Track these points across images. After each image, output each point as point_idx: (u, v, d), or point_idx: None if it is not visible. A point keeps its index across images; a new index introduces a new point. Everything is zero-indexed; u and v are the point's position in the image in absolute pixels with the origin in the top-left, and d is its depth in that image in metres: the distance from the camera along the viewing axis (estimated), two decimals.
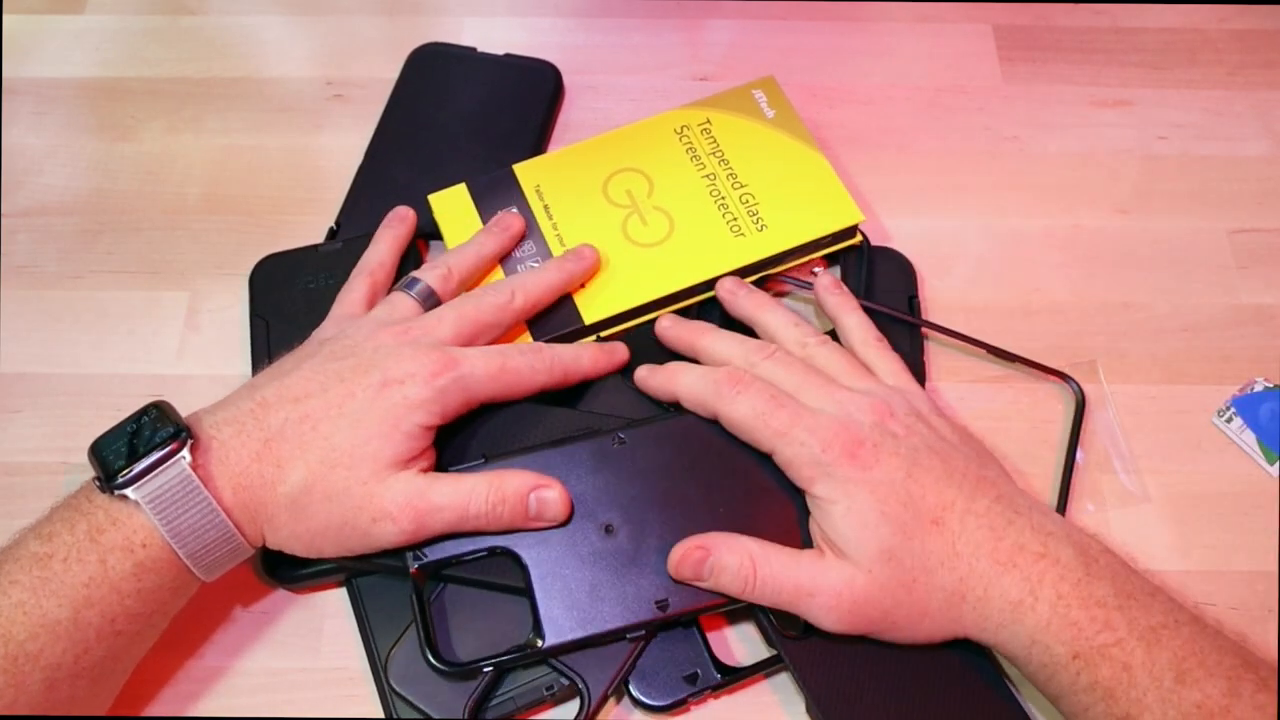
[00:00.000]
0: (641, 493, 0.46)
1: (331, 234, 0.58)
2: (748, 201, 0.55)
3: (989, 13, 0.68)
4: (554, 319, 0.52)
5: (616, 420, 0.49)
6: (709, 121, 0.58)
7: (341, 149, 0.62)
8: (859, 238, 0.56)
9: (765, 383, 0.46)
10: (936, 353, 0.55)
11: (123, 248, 0.59)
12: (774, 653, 0.46)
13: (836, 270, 0.57)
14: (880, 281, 0.56)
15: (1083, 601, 0.41)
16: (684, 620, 0.45)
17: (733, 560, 0.43)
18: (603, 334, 0.53)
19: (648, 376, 0.50)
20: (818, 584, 0.43)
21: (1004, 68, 0.66)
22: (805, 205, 0.55)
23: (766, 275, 0.55)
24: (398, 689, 0.45)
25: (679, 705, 0.45)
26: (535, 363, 0.48)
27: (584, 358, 0.50)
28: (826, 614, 0.43)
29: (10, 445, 0.53)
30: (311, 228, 0.58)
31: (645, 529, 0.45)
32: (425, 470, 0.45)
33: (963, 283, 0.58)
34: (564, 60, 0.64)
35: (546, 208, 0.56)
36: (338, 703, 0.46)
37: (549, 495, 0.45)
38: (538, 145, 0.61)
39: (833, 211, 0.55)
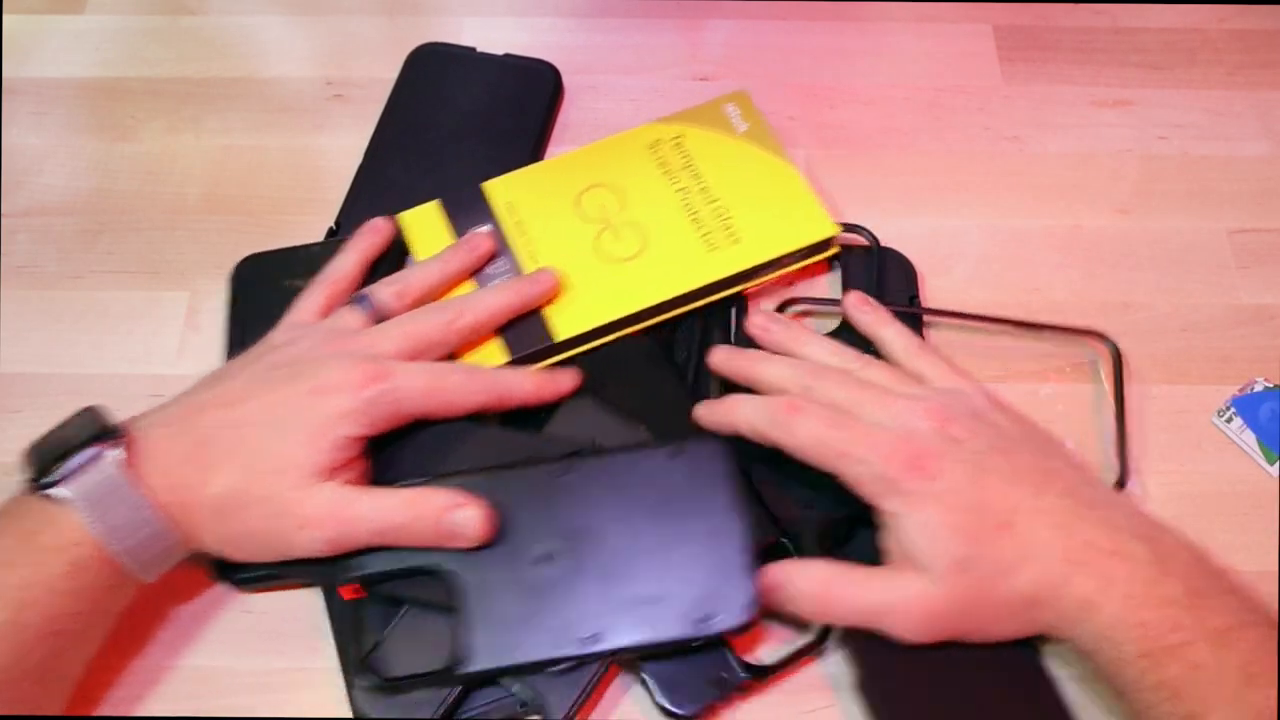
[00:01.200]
0: (584, 524, 0.46)
1: (331, 234, 0.58)
2: (721, 215, 0.55)
3: (989, 13, 0.68)
4: (526, 335, 0.52)
5: (572, 445, 0.49)
6: (681, 135, 0.58)
7: (341, 149, 0.62)
8: (836, 249, 0.56)
9: (822, 405, 0.46)
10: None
11: (123, 248, 0.59)
12: (798, 648, 0.46)
13: (837, 273, 0.57)
14: (880, 282, 0.56)
15: (1153, 601, 0.41)
16: (613, 657, 0.45)
17: (806, 586, 0.44)
18: (576, 350, 0.53)
19: (706, 413, 0.49)
20: (892, 601, 0.43)
21: (1004, 68, 0.66)
22: (779, 219, 0.55)
23: (742, 291, 0.55)
24: (367, 694, 0.45)
25: (708, 710, 0.45)
26: (470, 383, 0.48)
27: (526, 384, 0.49)
28: (904, 629, 0.43)
29: (10, 445, 0.52)
30: (311, 228, 0.58)
31: (583, 562, 0.45)
32: (352, 481, 0.45)
33: (962, 283, 0.58)
34: (564, 60, 0.64)
35: (519, 224, 0.55)
36: (308, 707, 0.46)
37: (465, 515, 0.44)
38: (537, 145, 0.61)
39: (806, 225, 0.55)
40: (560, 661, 0.44)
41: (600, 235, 0.55)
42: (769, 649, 0.47)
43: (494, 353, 0.52)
